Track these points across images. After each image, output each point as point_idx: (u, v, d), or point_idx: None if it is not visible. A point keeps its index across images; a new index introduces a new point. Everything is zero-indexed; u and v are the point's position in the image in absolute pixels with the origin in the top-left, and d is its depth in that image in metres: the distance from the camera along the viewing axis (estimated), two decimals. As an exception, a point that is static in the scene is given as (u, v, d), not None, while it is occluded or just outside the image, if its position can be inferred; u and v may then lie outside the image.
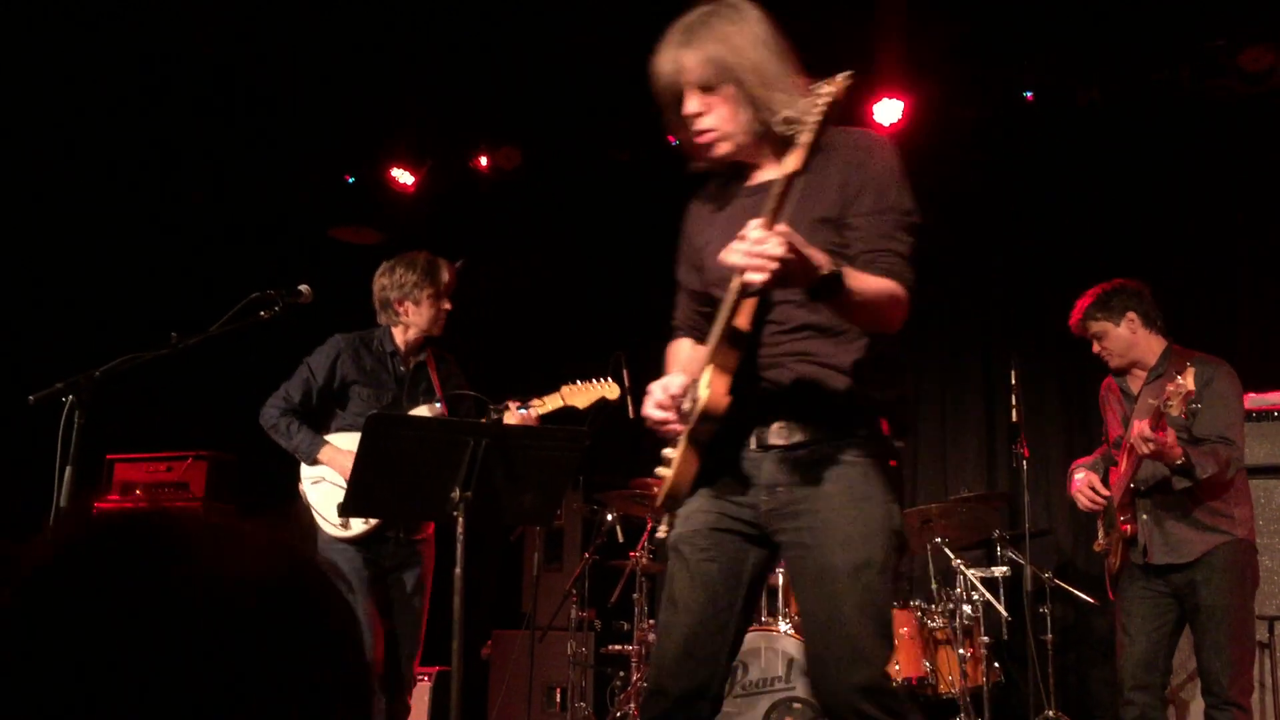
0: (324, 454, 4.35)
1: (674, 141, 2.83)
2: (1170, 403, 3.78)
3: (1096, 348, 4.39)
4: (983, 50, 6.53)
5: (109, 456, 7.02)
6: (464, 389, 4.60)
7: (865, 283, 2.34)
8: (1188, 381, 3.76)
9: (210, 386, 5.51)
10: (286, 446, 4.44)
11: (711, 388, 2.45)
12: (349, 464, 3.64)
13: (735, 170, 2.72)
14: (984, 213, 6.91)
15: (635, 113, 7.21)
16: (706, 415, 2.46)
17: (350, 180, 7.79)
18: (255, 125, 7.55)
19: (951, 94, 6.61)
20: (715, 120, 2.59)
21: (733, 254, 2.18)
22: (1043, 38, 6.43)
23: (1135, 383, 4.34)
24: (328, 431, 4.44)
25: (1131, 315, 4.28)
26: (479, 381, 4.77)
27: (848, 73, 2.28)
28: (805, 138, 2.25)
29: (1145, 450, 3.89)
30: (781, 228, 2.17)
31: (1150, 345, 4.30)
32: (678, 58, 2.60)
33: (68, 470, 3.48)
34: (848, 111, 2.99)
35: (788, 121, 2.45)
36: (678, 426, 2.56)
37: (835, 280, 2.24)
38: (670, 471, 2.59)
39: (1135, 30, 6.26)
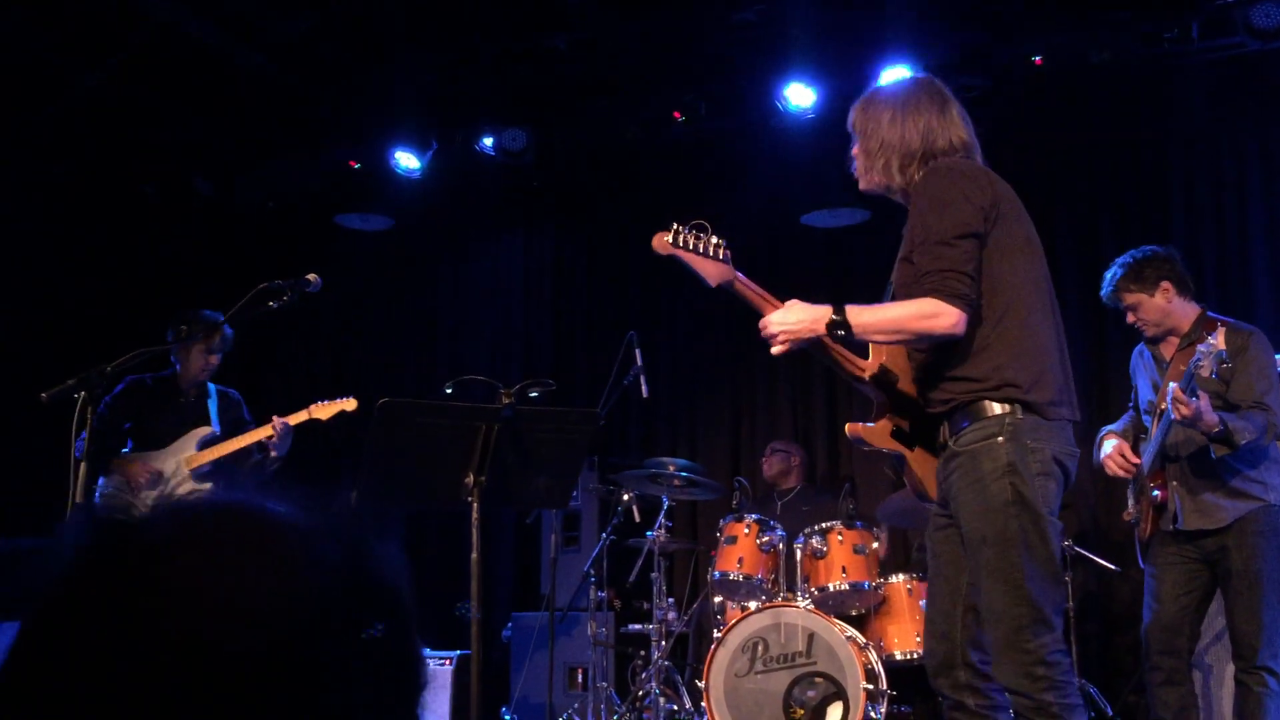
0: (115, 463, 5.09)
1: (679, 118, 3.18)
2: (1201, 363, 3.73)
3: (1131, 318, 4.33)
4: (990, 15, 6.45)
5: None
6: (242, 420, 5.38)
7: (876, 312, 2.87)
8: (1219, 341, 3.71)
9: (221, 377, 5.53)
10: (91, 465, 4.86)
11: None
12: (131, 468, 5.01)
13: None
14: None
15: (643, 92, 7.18)
16: None
17: (356, 166, 7.75)
18: (259, 114, 7.52)
19: (960, 60, 6.54)
20: None
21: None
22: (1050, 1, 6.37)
23: (1168, 349, 4.29)
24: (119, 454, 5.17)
25: (1165, 284, 4.22)
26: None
27: None
28: None
29: (1180, 413, 3.84)
30: (770, 315, 2.88)
31: (1185, 313, 4.24)
32: None
33: (82, 466, 3.50)
34: (858, 86, 3.03)
35: None
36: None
37: (842, 324, 2.79)
38: None
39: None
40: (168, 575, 0.75)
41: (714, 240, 2.89)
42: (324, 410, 5.15)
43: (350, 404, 5.16)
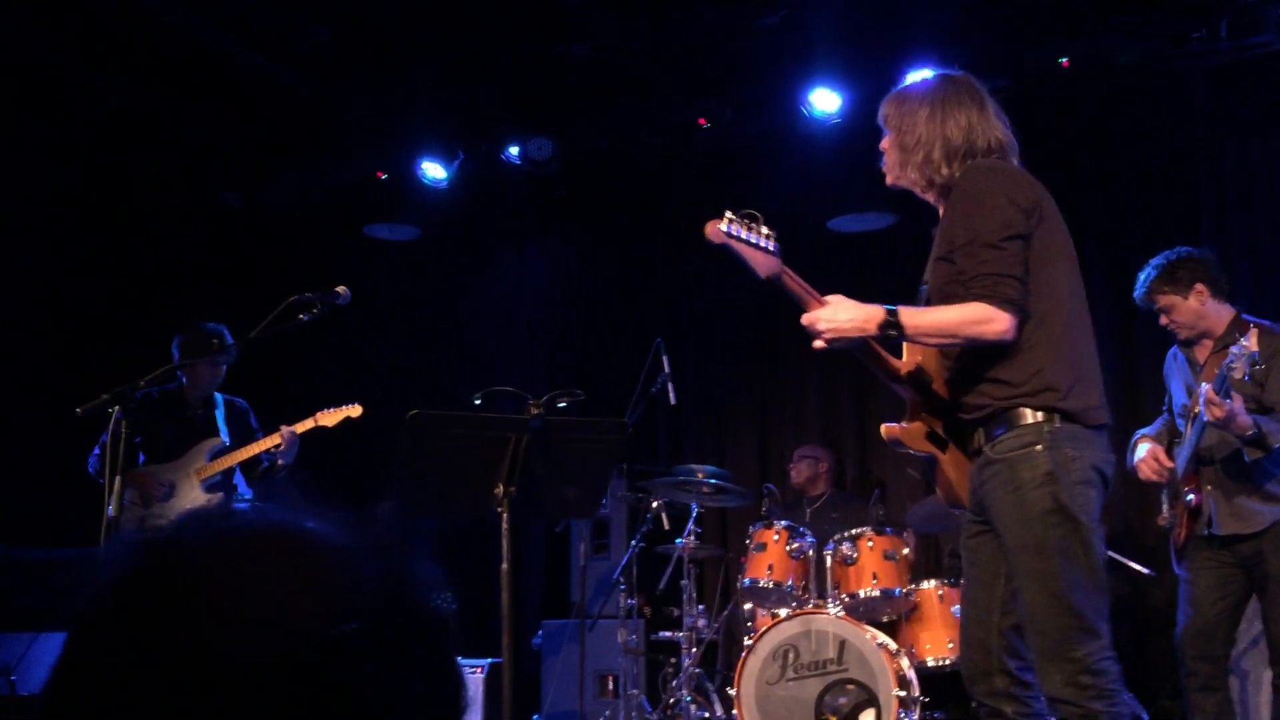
0: (128, 477, 4.93)
1: (704, 124, 3.14)
2: (1234, 365, 3.70)
3: (1164, 320, 4.29)
4: (1015, 17, 6.42)
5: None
6: (250, 428, 5.46)
7: (929, 315, 2.83)
8: (1251, 343, 3.68)
9: (248, 388, 5.59)
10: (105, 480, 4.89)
11: None
12: (142, 480, 5.07)
13: None
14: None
15: (667, 98, 7.18)
16: None
17: (383, 176, 7.80)
18: (286, 125, 7.58)
19: (983, 62, 6.51)
20: None
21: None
22: (1076, 1, 6.32)
23: (1202, 352, 4.25)
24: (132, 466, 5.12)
25: (1200, 286, 4.18)
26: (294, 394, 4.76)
27: None
28: None
29: (1214, 415, 3.80)
30: (817, 311, 2.83)
31: (1219, 315, 4.20)
32: None
33: (117, 480, 3.53)
34: (882, 90, 3.00)
35: None
36: None
37: (896, 324, 2.76)
38: None
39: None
40: (212, 594, 0.75)
41: (764, 230, 2.84)
42: (329, 417, 5.26)
43: (355, 410, 5.26)
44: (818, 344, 2.85)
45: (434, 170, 7.48)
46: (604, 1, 6.43)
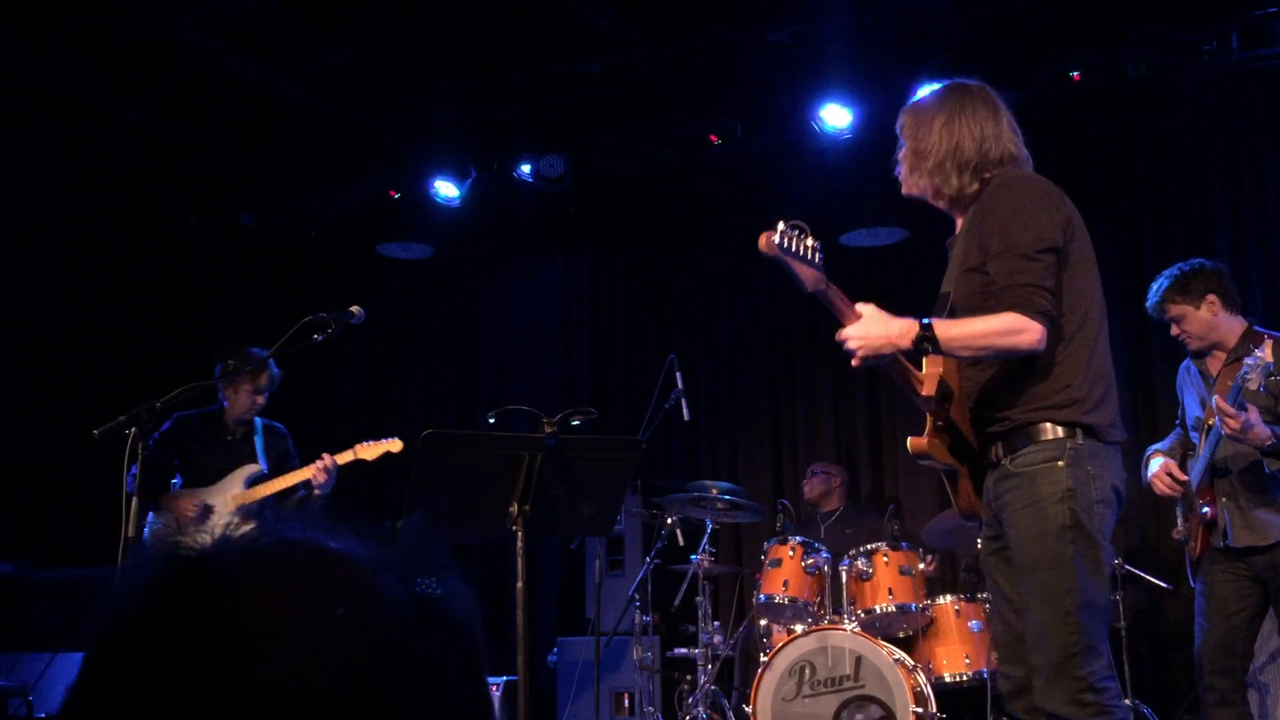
0: (164, 499, 5.07)
1: (716, 141, 3.11)
2: (1249, 376, 3.70)
3: (1175, 330, 4.29)
4: (1026, 30, 6.43)
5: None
6: (288, 453, 5.41)
7: (962, 326, 2.79)
8: (1266, 354, 3.68)
9: (268, 409, 5.60)
10: (142, 499, 4.84)
11: None
12: (179, 503, 5.01)
13: None
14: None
15: (678, 115, 7.20)
16: None
17: (396, 195, 7.83)
18: (300, 144, 7.63)
19: (995, 76, 6.51)
20: None
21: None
22: (1086, 14, 6.33)
23: (1214, 364, 4.24)
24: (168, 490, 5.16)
25: (1211, 297, 4.18)
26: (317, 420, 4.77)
27: None
28: None
29: (1230, 427, 3.80)
30: (849, 329, 2.81)
31: (1231, 327, 4.19)
32: None
33: (134, 501, 3.55)
34: (894, 105, 2.99)
35: None
36: None
37: (931, 338, 2.72)
38: None
39: (1183, 2, 6.15)
40: (240, 610, 0.74)
41: (809, 243, 2.81)
42: (369, 450, 5.21)
43: (395, 445, 5.20)
44: (854, 362, 2.83)
45: (447, 189, 7.52)
46: (615, 20, 6.46)
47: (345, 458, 5.15)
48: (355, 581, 0.78)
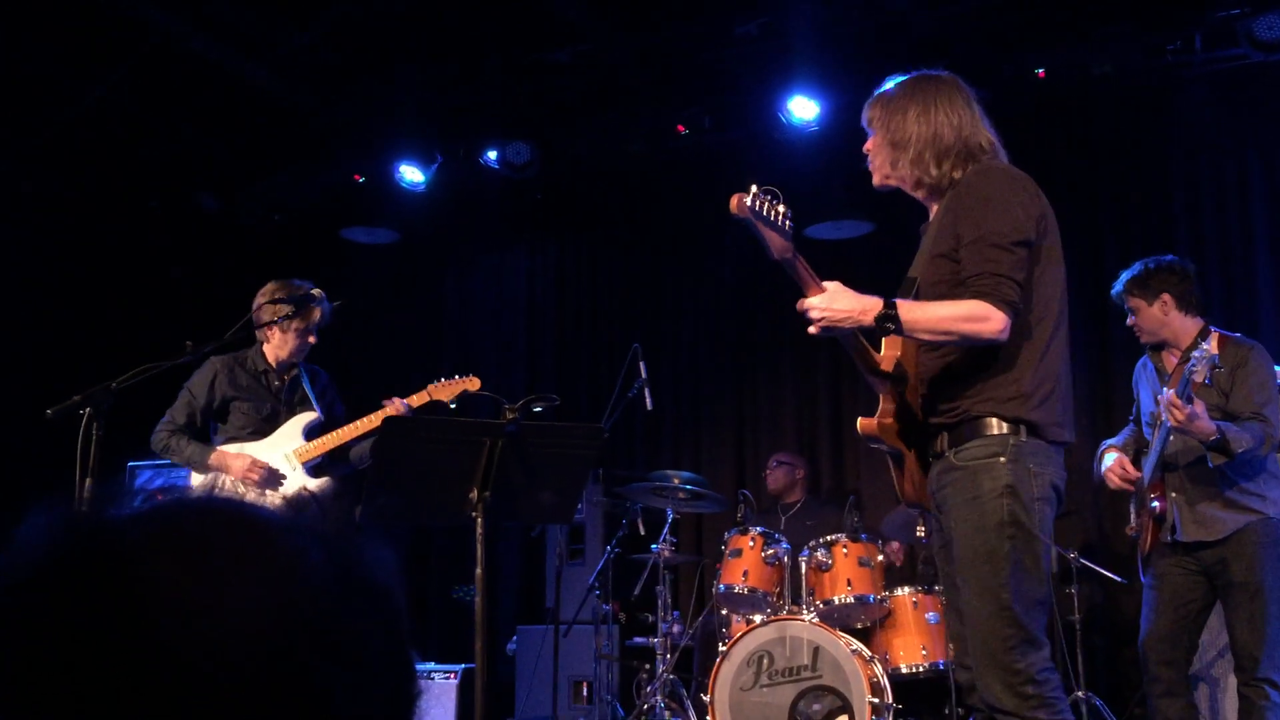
0: (214, 459, 4.48)
1: (683, 131, 3.06)
2: (1195, 368, 3.75)
3: (1130, 321, 4.37)
4: (992, 28, 6.46)
5: (131, 464, 7.06)
6: (336, 401, 4.85)
7: (927, 309, 2.77)
8: (1211, 346, 3.74)
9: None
10: (179, 461, 4.54)
11: None
12: (236, 463, 4.37)
13: None
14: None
15: (646, 105, 7.19)
16: None
17: (360, 180, 7.78)
18: (263, 128, 7.55)
19: (961, 73, 6.54)
20: None
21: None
22: (1052, 13, 6.37)
23: (1170, 361, 4.31)
24: (211, 445, 4.61)
25: (1166, 297, 4.24)
26: (357, 383, 4.76)
27: None
28: None
29: (1175, 419, 3.85)
30: (813, 298, 2.77)
31: (1184, 327, 4.25)
32: None
33: (88, 481, 3.50)
34: (860, 99, 2.99)
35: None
36: None
37: (893, 318, 2.71)
38: None
39: (1147, 3, 6.20)
40: (148, 580, 0.69)
41: (780, 209, 2.79)
42: (444, 390, 4.68)
43: (474, 383, 4.69)
44: (811, 330, 2.80)
45: (412, 174, 7.47)
46: (584, 8, 6.44)
47: (420, 399, 4.63)
48: (270, 547, 0.73)
